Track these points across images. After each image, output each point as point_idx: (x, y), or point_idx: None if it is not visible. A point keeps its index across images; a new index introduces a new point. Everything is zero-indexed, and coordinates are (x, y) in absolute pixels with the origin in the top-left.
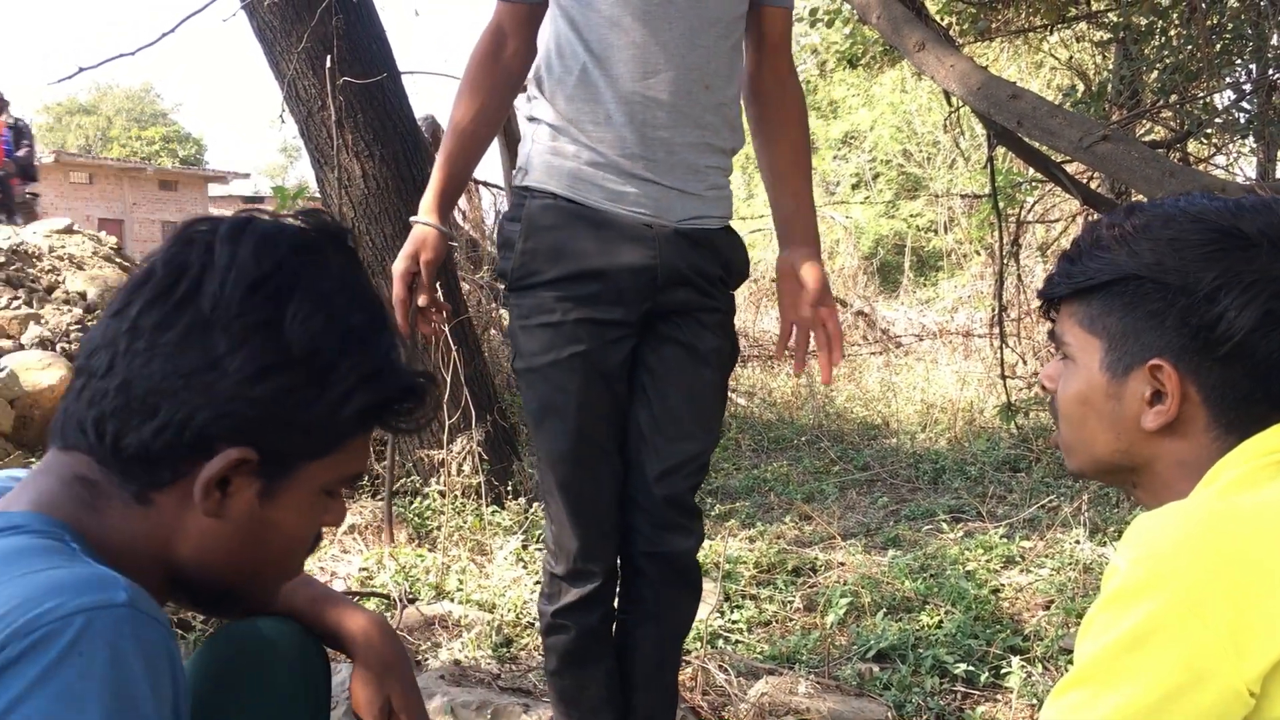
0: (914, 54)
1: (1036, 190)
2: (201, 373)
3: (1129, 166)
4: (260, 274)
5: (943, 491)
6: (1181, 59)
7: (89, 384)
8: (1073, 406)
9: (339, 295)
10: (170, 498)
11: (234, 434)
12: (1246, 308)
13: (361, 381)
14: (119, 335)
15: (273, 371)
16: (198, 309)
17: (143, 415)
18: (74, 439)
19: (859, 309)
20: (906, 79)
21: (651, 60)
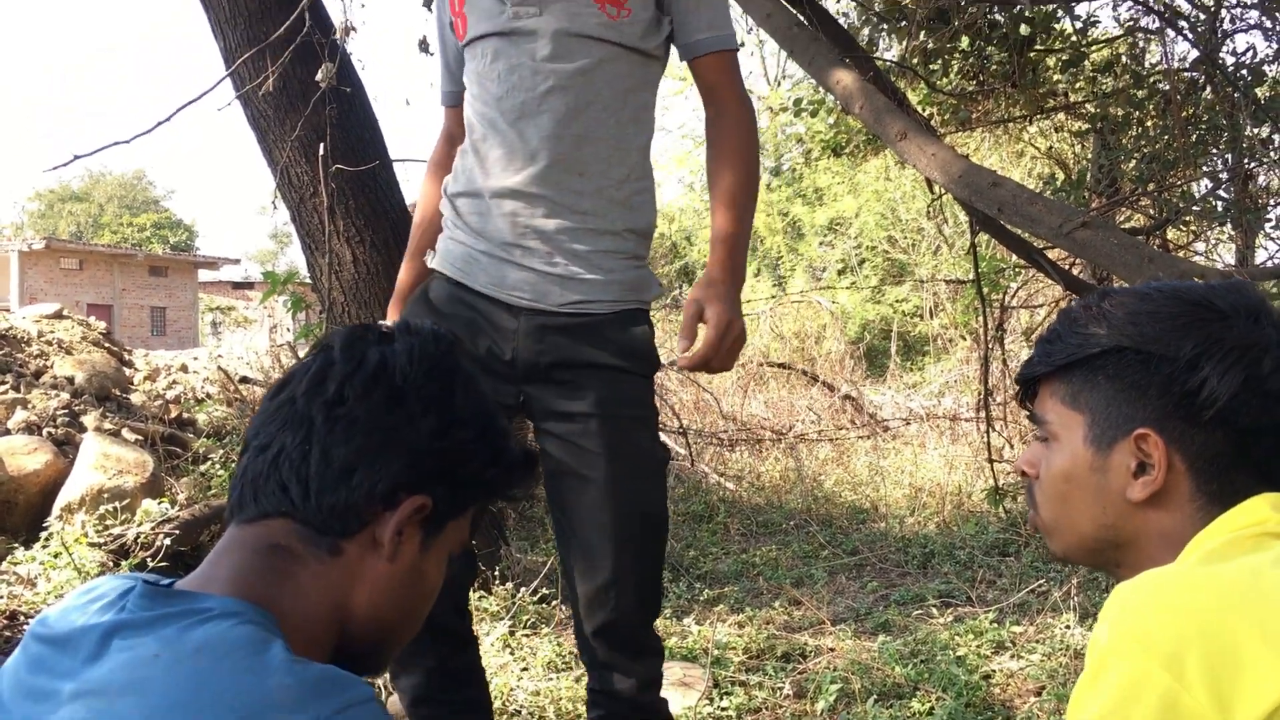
0: (896, 143)
1: (1020, 276)
2: (398, 431)
3: (1108, 253)
4: (437, 354)
5: (932, 576)
6: (1158, 149)
7: (282, 455)
8: (1057, 484)
9: (478, 379)
10: (356, 545)
11: (417, 484)
12: (1227, 374)
13: (503, 447)
14: (312, 411)
15: (454, 428)
16: (391, 382)
17: (343, 475)
18: (268, 505)
19: (846, 393)
20: (890, 167)
21: (518, 156)
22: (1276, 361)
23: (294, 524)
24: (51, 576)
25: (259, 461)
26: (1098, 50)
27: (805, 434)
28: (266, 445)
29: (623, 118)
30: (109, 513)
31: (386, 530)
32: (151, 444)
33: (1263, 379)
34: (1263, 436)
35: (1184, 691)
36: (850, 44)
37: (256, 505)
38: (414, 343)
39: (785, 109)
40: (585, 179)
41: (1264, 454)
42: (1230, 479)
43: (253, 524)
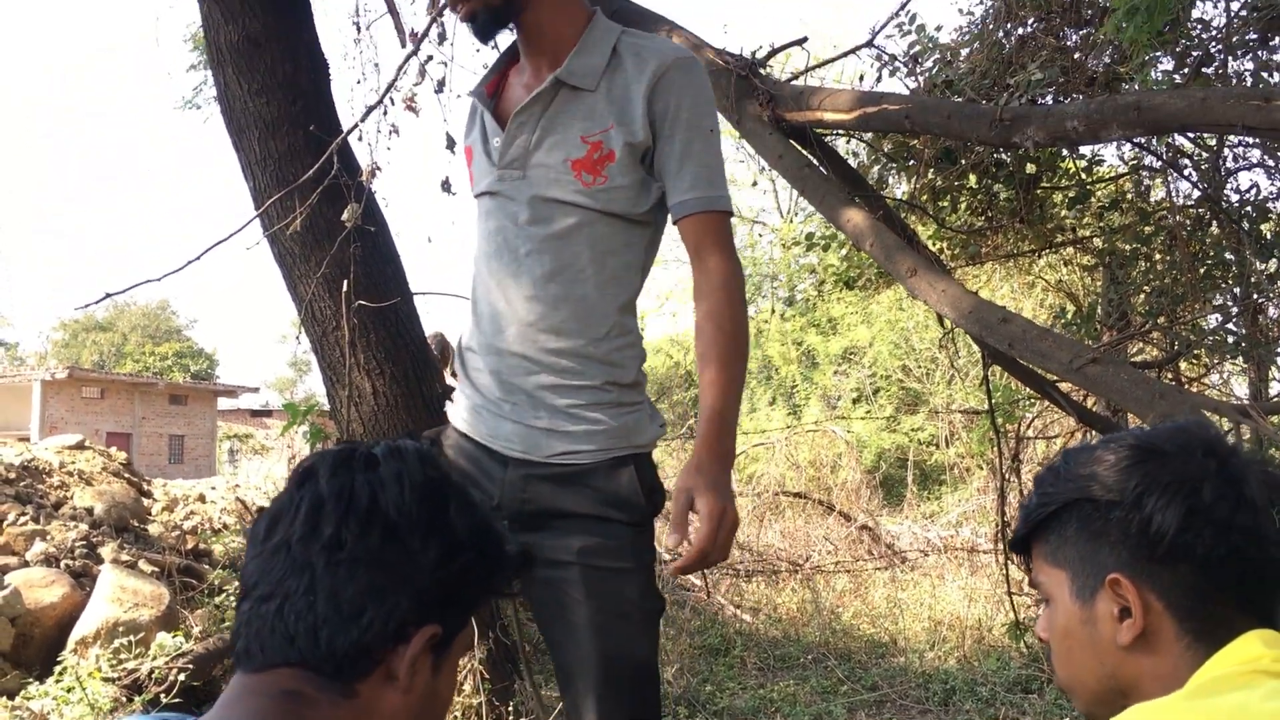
0: (906, 279)
1: (1035, 406)
2: (401, 567)
3: (1119, 388)
4: (426, 479)
5: (954, 713)
6: (1167, 283)
7: (287, 606)
8: (1058, 643)
9: (467, 495)
10: (370, 683)
11: (425, 615)
12: (1169, 507)
13: (501, 556)
14: (311, 557)
15: (455, 554)
16: (386, 518)
17: (352, 617)
18: (277, 655)
19: (863, 523)
20: (903, 297)
21: (501, 315)
22: (1219, 491)
23: (304, 671)
24: (64, 712)
25: (263, 611)
26: (1103, 187)
27: (822, 565)
28: (269, 595)
29: (602, 279)
30: (123, 646)
31: (401, 665)
32: (168, 575)
33: (1208, 508)
34: (1226, 566)
35: None
36: (860, 183)
37: (264, 656)
38: (401, 469)
39: (798, 243)
40: (562, 338)
41: (1235, 584)
42: (1209, 612)
43: (261, 673)
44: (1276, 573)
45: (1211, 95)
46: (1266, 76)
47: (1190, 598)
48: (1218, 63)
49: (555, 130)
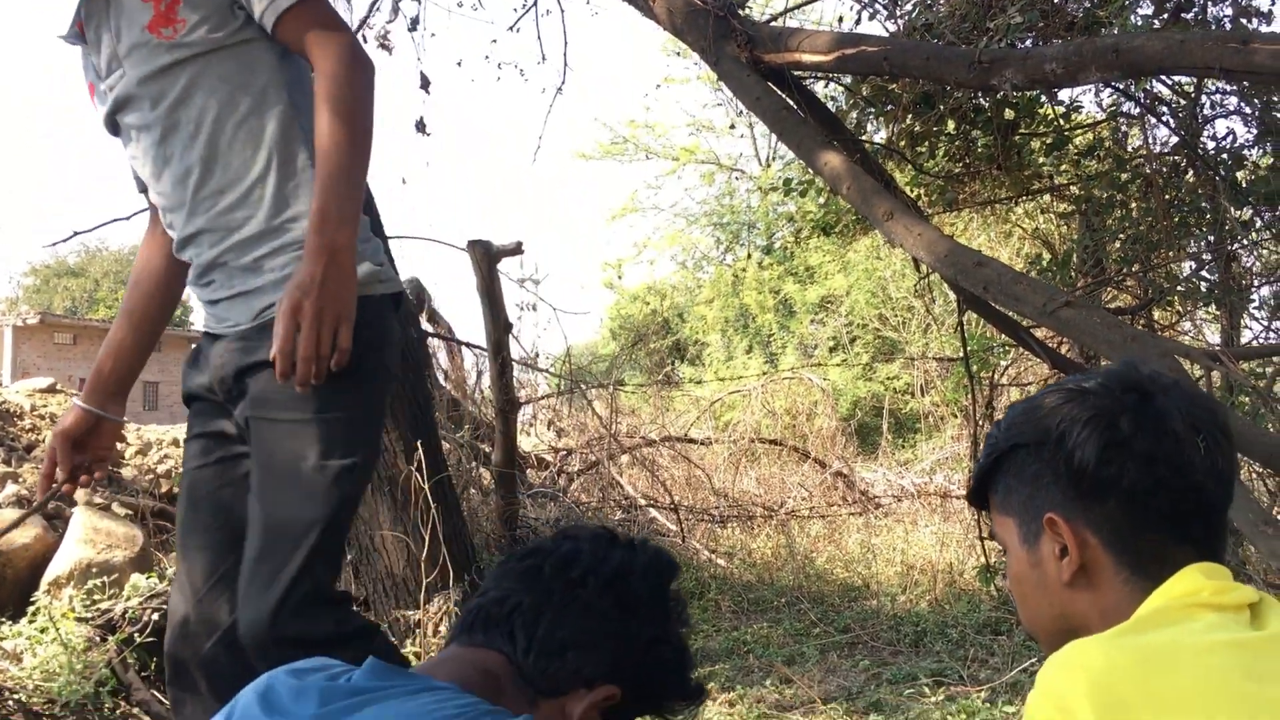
0: (883, 223)
1: (1009, 354)
2: (617, 632)
3: (1092, 332)
4: (667, 578)
5: (924, 654)
6: (1142, 230)
7: (518, 611)
8: (1015, 588)
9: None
10: (547, 708)
11: (614, 677)
12: (1087, 441)
13: (688, 676)
14: (554, 584)
15: (662, 645)
16: (626, 587)
17: (560, 652)
18: (494, 641)
19: (838, 470)
20: (880, 246)
21: (171, 208)
22: (1137, 423)
23: (508, 664)
24: (38, 651)
25: (497, 606)
26: (1081, 134)
27: (797, 510)
28: (506, 596)
29: (240, 116)
30: (97, 587)
31: (579, 707)
32: (141, 518)
33: (1127, 440)
34: (1152, 497)
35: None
36: (838, 127)
37: (484, 636)
38: (653, 559)
39: (775, 189)
40: (226, 194)
41: (1167, 515)
42: (1143, 546)
43: (475, 648)
44: (1208, 502)
45: (1190, 38)
46: (1245, 22)
47: (1122, 531)
48: (1196, 8)
49: (122, 13)
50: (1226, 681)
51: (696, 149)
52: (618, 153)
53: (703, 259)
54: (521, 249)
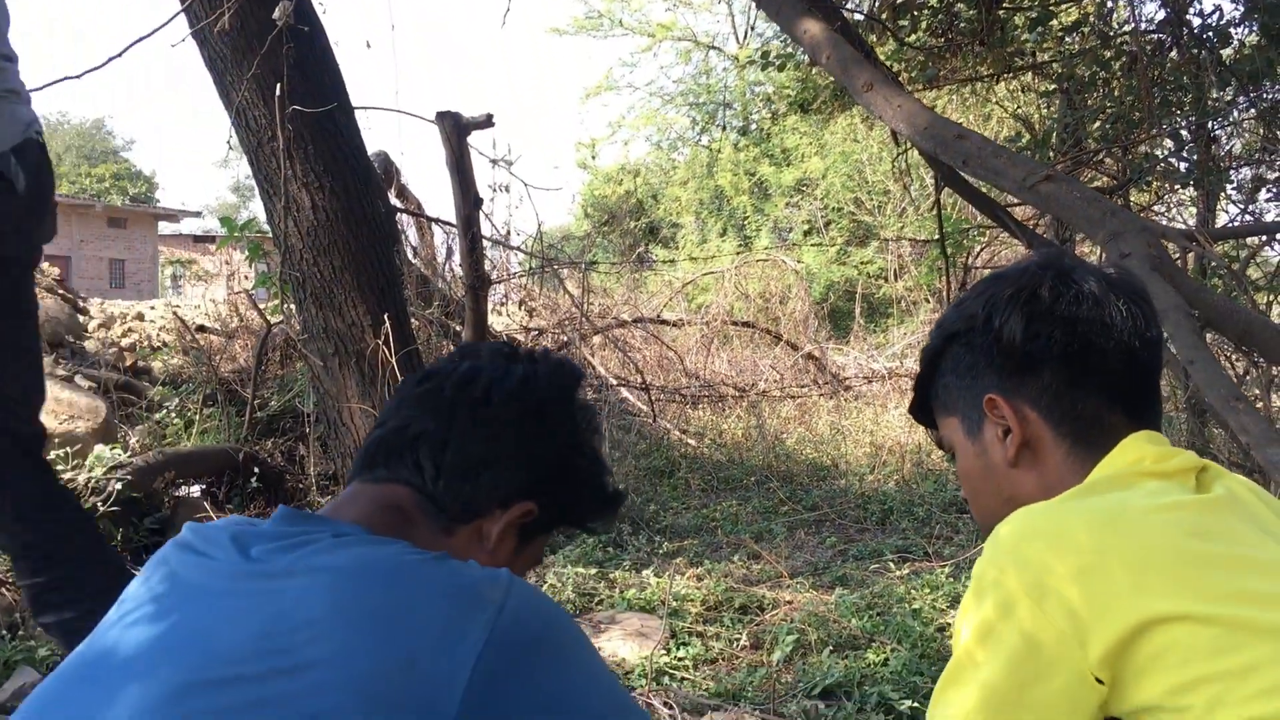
0: (862, 94)
1: (983, 237)
2: (528, 443)
3: (1071, 206)
4: (573, 384)
5: (890, 532)
6: (1124, 109)
7: (422, 437)
8: (966, 486)
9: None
10: (465, 533)
11: (530, 493)
12: (1011, 316)
13: (605, 481)
14: (457, 405)
15: (575, 453)
16: (532, 398)
17: (471, 474)
18: (399, 474)
19: (809, 352)
20: (858, 127)
21: None
22: (1056, 290)
23: (417, 495)
24: None
25: (397, 436)
26: (1065, 10)
27: (768, 392)
28: (406, 425)
29: None
30: (60, 458)
31: (496, 527)
32: (105, 391)
33: (1049, 308)
34: (1082, 360)
35: (1043, 616)
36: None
37: (387, 469)
38: (555, 369)
39: (753, 62)
40: None
41: (1097, 377)
42: (1080, 413)
43: (378, 484)
44: (1139, 364)
45: None
46: None
47: (1059, 400)
48: None
49: None
50: (1172, 540)
51: (674, 25)
52: (592, 28)
53: (678, 140)
54: (492, 121)
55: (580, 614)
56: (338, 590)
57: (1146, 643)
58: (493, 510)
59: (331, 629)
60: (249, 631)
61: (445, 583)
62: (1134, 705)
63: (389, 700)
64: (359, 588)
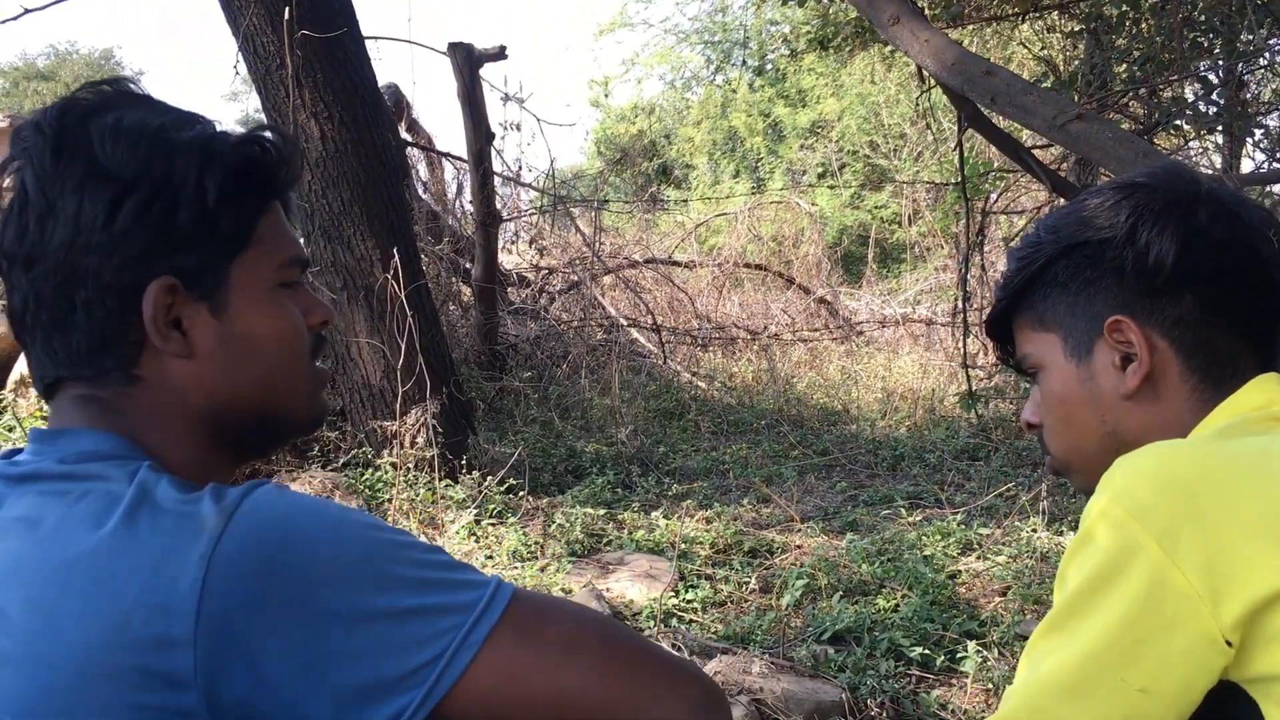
0: (888, 28)
1: (1002, 182)
2: (76, 244)
3: (1102, 146)
4: (59, 130)
5: (901, 478)
6: (1153, 50)
7: (24, 328)
8: (1054, 411)
9: (135, 111)
10: (149, 367)
11: (143, 274)
12: (1165, 232)
13: (205, 168)
14: (15, 275)
15: (122, 203)
16: (28, 196)
17: (67, 311)
18: (49, 375)
19: (821, 296)
20: (876, 68)
21: None
22: (1213, 211)
23: (79, 383)
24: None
25: (28, 341)
26: None
27: (779, 335)
28: (19, 333)
29: None
30: None
31: (156, 330)
32: None
33: (1204, 230)
34: (1230, 289)
35: (1174, 568)
36: None
37: (43, 381)
38: (38, 132)
39: None
40: None
41: (1241, 309)
42: (1215, 347)
43: (57, 394)
44: (1276, 298)
45: None
46: None
47: (1196, 331)
48: None
49: None
50: None
51: None
52: None
53: (692, 79)
54: (505, 54)
55: (588, 554)
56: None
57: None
58: (136, 325)
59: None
60: None
61: (156, 524)
62: (1257, 673)
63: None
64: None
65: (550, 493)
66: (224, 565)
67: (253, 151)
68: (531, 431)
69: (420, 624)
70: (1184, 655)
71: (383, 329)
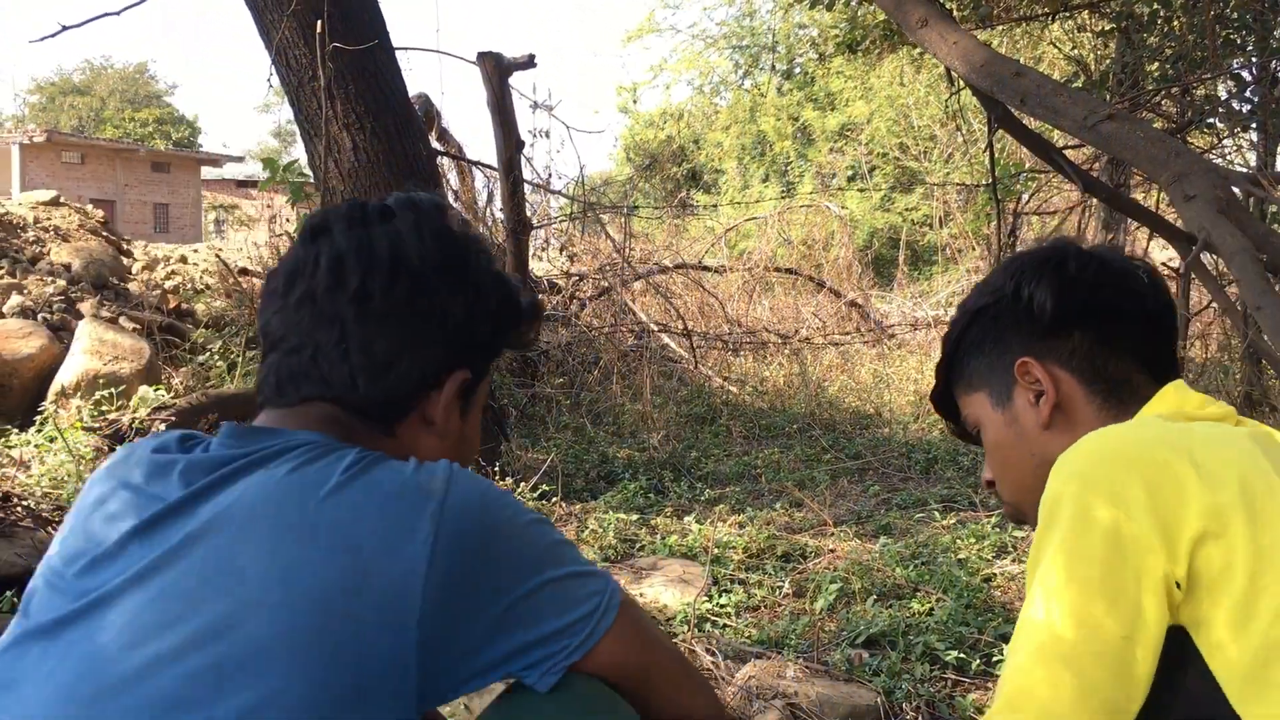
0: (916, 30)
1: (1033, 182)
2: (431, 317)
3: (1134, 146)
4: (443, 228)
5: (935, 481)
6: (1185, 48)
7: (319, 355)
8: (995, 459)
9: (479, 238)
10: (406, 427)
11: (456, 362)
12: (1041, 284)
13: (518, 303)
14: (340, 309)
15: (478, 302)
16: (410, 269)
17: (386, 368)
18: (310, 391)
19: (852, 300)
20: (905, 70)
21: None
22: (1081, 261)
23: (341, 409)
24: (45, 460)
25: (294, 360)
26: None
27: (810, 339)
28: (300, 347)
29: None
30: (104, 398)
31: (437, 410)
32: (149, 333)
33: (1075, 277)
34: (1109, 320)
35: (1128, 521)
36: None
37: (299, 393)
38: (418, 219)
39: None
40: None
41: (1125, 337)
42: (1110, 371)
43: (296, 406)
44: (1164, 326)
45: None
46: None
47: (1089, 360)
48: None
49: None
50: (1241, 466)
51: None
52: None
53: (720, 84)
54: (534, 62)
55: (622, 559)
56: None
57: (1207, 554)
58: (427, 394)
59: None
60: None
61: (384, 486)
62: (1196, 617)
63: (343, 615)
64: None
65: (583, 498)
66: (446, 534)
67: (536, 310)
68: (564, 438)
69: (576, 587)
70: (1153, 597)
71: None
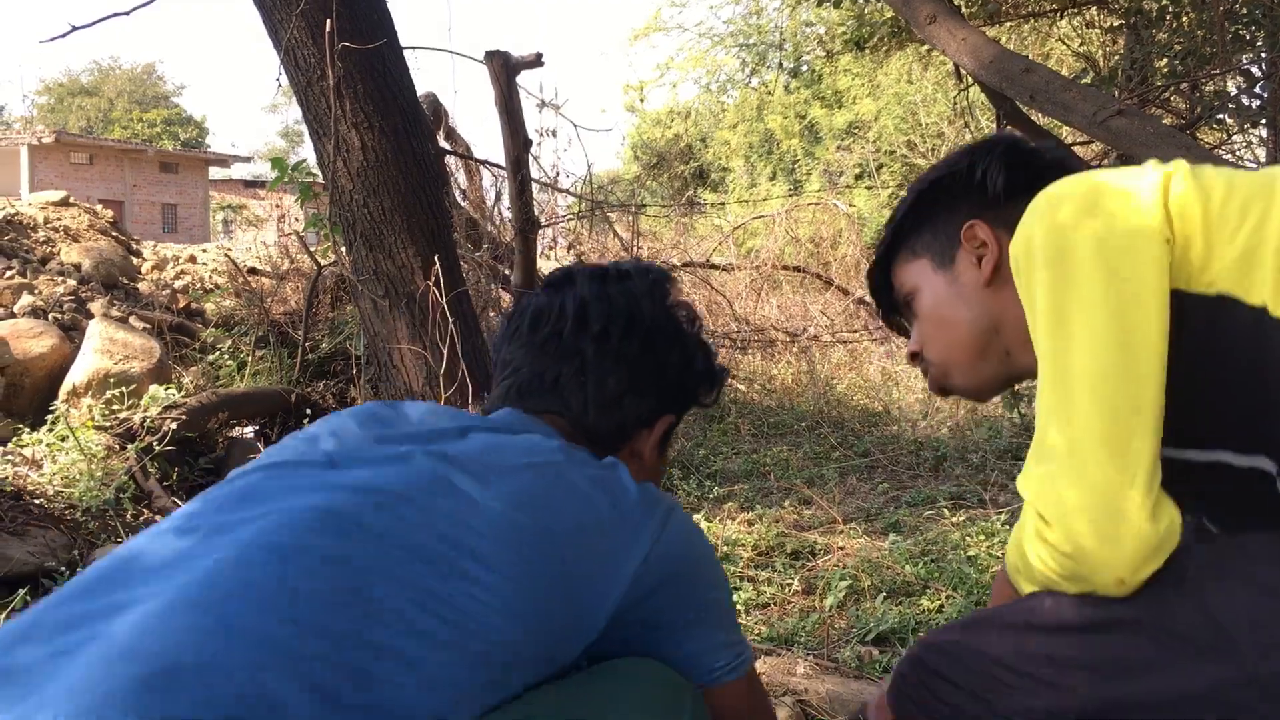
0: (925, 27)
1: None
2: (654, 368)
3: (1143, 142)
4: (666, 293)
5: (944, 478)
6: (1194, 44)
7: (561, 381)
8: (930, 320)
9: (690, 306)
10: (621, 455)
11: (666, 408)
12: (993, 162)
13: (716, 368)
14: (582, 345)
15: (691, 360)
16: (644, 325)
17: (614, 404)
18: (550, 407)
19: (860, 297)
20: (912, 68)
21: None
22: (1030, 146)
23: (570, 425)
24: (57, 458)
25: (536, 382)
26: None
27: (818, 337)
28: (542, 372)
29: None
30: (115, 397)
31: (647, 446)
32: (159, 332)
33: (1025, 158)
34: None
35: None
36: None
37: (540, 404)
38: (651, 284)
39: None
40: None
41: None
42: None
43: (540, 414)
44: None
45: None
46: None
47: None
48: None
49: None
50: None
51: None
52: None
53: (727, 82)
54: (542, 61)
55: None
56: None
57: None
58: (640, 431)
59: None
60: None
61: (619, 498)
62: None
63: (550, 608)
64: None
65: None
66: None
67: (725, 376)
68: None
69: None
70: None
71: (424, 336)
